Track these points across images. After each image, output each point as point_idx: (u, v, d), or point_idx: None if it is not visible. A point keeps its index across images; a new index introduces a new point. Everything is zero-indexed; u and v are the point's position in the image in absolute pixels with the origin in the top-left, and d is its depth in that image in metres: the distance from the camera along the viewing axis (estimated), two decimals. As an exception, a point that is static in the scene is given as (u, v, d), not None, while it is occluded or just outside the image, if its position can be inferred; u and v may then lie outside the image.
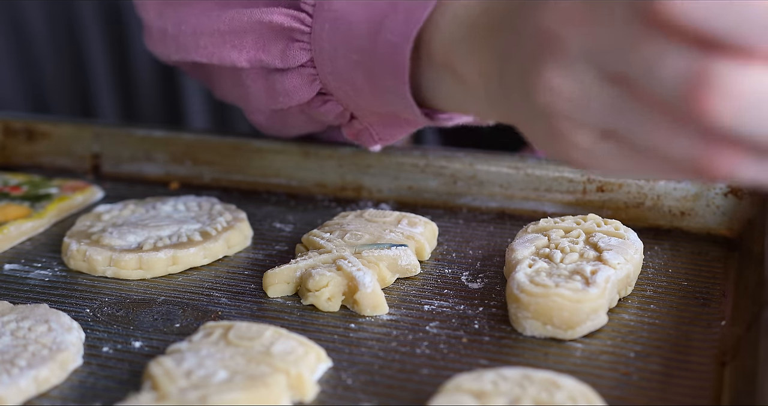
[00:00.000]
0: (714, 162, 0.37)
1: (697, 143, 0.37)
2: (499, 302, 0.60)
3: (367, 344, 0.55)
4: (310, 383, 0.50)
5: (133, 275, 0.64)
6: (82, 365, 0.54)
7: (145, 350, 0.55)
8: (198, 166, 0.82)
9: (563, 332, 0.54)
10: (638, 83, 0.37)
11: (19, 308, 0.57)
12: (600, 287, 0.55)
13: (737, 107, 0.34)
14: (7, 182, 0.78)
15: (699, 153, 0.37)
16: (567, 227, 0.63)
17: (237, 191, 0.80)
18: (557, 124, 0.41)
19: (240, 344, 0.51)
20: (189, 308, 0.60)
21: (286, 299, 0.61)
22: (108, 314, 0.59)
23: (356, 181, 0.78)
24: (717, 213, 0.70)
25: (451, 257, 0.67)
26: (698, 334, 0.56)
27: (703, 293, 0.61)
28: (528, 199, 0.74)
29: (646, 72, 0.36)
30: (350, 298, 0.59)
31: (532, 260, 0.59)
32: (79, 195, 0.76)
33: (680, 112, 0.36)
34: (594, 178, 0.73)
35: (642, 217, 0.72)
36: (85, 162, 0.85)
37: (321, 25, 0.60)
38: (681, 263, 0.65)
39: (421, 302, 0.60)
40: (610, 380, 0.51)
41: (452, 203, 0.76)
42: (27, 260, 0.67)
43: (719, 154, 0.37)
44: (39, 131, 0.86)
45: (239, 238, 0.68)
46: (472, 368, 0.52)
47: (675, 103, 0.36)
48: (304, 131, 0.76)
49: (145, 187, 0.81)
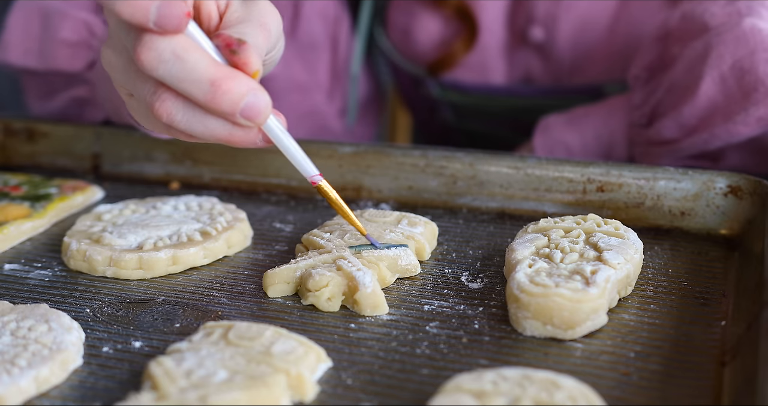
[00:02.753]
0: (156, 108, 0.54)
1: (150, 89, 0.55)
2: (499, 302, 0.60)
3: (367, 344, 0.55)
4: (310, 383, 0.50)
5: (133, 275, 0.64)
6: (82, 365, 0.54)
7: (145, 350, 0.55)
8: (198, 166, 0.82)
9: (563, 332, 0.54)
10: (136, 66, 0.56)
11: (19, 308, 0.57)
12: (600, 287, 0.55)
13: (155, 57, 0.52)
14: (7, 182, 0.78)
15: (149, 99, 0.55)
16: (567, 227, 0.63)
17: (237, 191, 0.80)
18: (115, 86, 0.60)
19: (240, 344, 0.51)
20: (189, 308, 0.60)
21: (286, 299, 0.61)
22: (108, 314, 0.59)
23: (356, 181, 0.78)
24: (717, 213, 0.70)
25: (451, 257, 0.67)
26: (698, 334, 0.56)
27: (703, 293, 0.61)
28: (528, 199, 0.74)
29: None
30: (350, 298, 0.59)
31: (532, 260, 0.59)
32: (79, 195, 0.76)
33: (140, 77, 0.55)
34: (593, 178, 0.73)
35: (642, 217, 0.72)
36: (85, 162, 0.85)
37: None
38: (681, 263, 0.65)
39: (421, 302, 0.60)
40: (610, 380, 0.51)
41: (452, 203, 0.76)
42: (27, 260, 0.67)
43: (160, 100, 0.54)
44: (39, 131, 0.86)
45: (239, 238, 0.68)
46: (472, 368, 0.52)
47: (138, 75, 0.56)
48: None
49: (145, 187, 0.81)
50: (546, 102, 0.97)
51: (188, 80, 0.53)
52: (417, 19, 1.00)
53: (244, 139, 0.56)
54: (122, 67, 0.57)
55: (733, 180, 0.70)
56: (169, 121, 0.55)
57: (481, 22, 0.97)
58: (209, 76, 0.53)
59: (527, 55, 0.98)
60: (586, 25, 0.94)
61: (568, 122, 0.87)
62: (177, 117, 0.55)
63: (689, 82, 0.77)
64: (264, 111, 0.54)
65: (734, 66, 0.74)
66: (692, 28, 0.79)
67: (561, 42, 0.95)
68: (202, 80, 0.53)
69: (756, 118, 0.74)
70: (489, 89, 1.00)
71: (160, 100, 0.54)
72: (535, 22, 0.95)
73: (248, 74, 0.54)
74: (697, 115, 0.77)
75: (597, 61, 0.95)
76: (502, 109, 1.01)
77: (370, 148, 0.78)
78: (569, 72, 0.97)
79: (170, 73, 0.53)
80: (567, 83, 0.97)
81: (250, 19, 0.56)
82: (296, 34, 0.98)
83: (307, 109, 1.00)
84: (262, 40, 0.56)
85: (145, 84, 0.55)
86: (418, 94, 1.07)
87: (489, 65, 0.99)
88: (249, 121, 0.54)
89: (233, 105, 0.53)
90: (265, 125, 0.56)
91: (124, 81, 0.57)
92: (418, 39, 1.01)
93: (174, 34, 0.52)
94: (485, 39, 0.97)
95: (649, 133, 0.81)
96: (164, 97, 0.54)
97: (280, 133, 0.57)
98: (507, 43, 0.98)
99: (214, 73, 0.53)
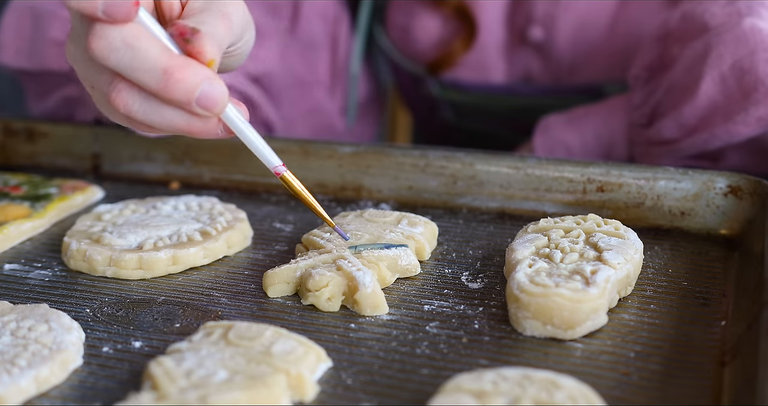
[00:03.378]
0: (113, 99, 0.55)
1: (106, 80, 0.55)
2: (499, 302, 0.60)
3: (367, 344, 0.55)
4: (310, 383, 0.50)
5: (133, 275, 0.64)
6: (82, 365, 0.54)
7: (145, 350, 0.55)
8: (198, 166, 0.82)
9: (563, 332, 0.54)
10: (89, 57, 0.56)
11: (19, 308, 0.57)
12: (600, 287, 0.55)
13: (106, 46, 0.52)
14: (7, 182, 0.78)
15: (106, 89, 0.55)
16: (567, 227, 0.63)
17: (237, 191, 0.80)
18: (81, 81, 0.60)
19: (240, 344, 0.51)
20: (189, 308, 0.60)
21: (286, 299, 0.61)
22: (108, 314, 0.59)
23: (356, 181, 0.78)
24: (717, 213, 0.70)
25: (451, 257, 0.67)
26: (698, 334, 0.56)
27: (703, 293, 0.61)
28: (528, 199, 0.74)
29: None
30: (350, 298, 0.59)
31: (532, 260, 0.59)
32: (79, 195, 0.76)
33: (96, 68, 0.56)
34: (593, 178, 0.73)
35: (642, 217, 0.72)
36: (85, 162, 0.85)
37: None
38: (681, 263, 0.65)
39: (421, 302, 0.60)
40: (610, 380, 0.51)
41: (452, 203, 0.76)
42: (27, 260, 0.67)
43: (116, 90, 0.54)
44: (39, 131, 0.86)
45: (239, 238, 0.68)
46: (472, 368, 0.52)
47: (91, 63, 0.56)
48: None
49: (145, 187, 0.81)
50: (545, 101, 0.97)
51: (141, 69, 0.53)
52: (416, 18, 1.00)
53: (203, 130, 0.56)
54: (82, 59, 0.57)
55: (733, 180, 0.70)
56: (126, 111, 0.55)
57: (481, 21, 0.97)
58: (162, 64, 0.52)
59: (527, 55, 0.98)
60: (585, 24, 0.94)
61: (568, 122, 0.87)
62: (134, 107, 0.55)
63: (689, 82, 0.77)
64: (220, 101, 0.54)
65: (734, 66, 0.74)
66: (692, 29, 0.79)
67: (560, 42, 0.95)
68: (154, 69, 0.53)
69: (756, 118, 0.74)
70: (489, 88, 1.00)
71: (116, 90, 0.55)
72: (535, 22, 0.95)
73: (203, 63, 0.54)
74: (697, 115, 0.77)
75: (596, 61, 0.95)
76: (502, 108, 1.01)
77: (370, 148, 0.78)
78: (569, 71, 0.97)
79: (122, 61, 0.53)
80: (566, 83, 0.97)
81: (211, 8, 0.56)
82: (296, 32, 0.98)
83: (309, 107, 1.00)
84: (223, 29, 0.55)
85: (101, 75, 0.55)
86: (418, 94, 1.07)
87: (488, 64, 0.99)
88: (206, 111, 0.54)
89: (187, 94, 0.53)
90: (225, 115, 0.56)
91: (85, 73, 0.58)
92: (418, 38, 1.01)
93: (124, 22, 0.52)
94: (484, 38, 0.97)
95: (649, 133, 0.81)
96: (120, 87, 0.54)
97: (240, 123, 0.57)
98: (506, 43, 0.98)
99: (166, 61, 0.53)
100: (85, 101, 0.86)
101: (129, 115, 0.56)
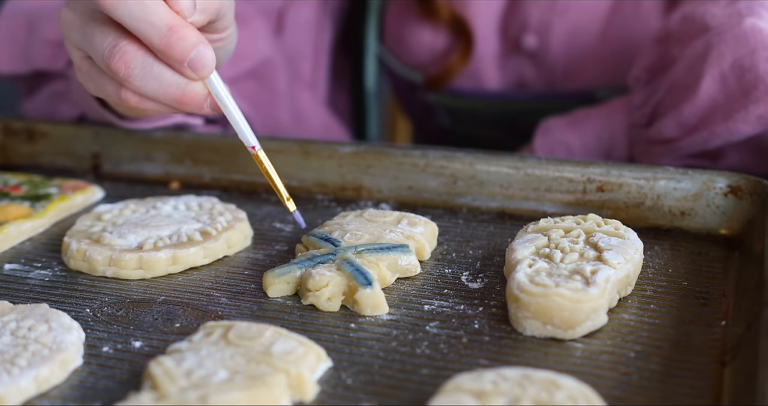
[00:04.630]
0: (115, 61, 0.57)
1: (110, 43, 0.58)
2: (499, 302, 0.60)
3: (367, 344, 0.55)
4: (310, 383, 0.50)
5: (133, 275, 0.64)
6: (82, 364, 0.54)
7: (145, 350, 0.55)
8: (198, 166, 0.82)
9: (563, 331, 0.54)
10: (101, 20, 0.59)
11: (20, 308, 0.57)
12: (600, 286, 0.55)
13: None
14: (7, 182, 0.78)
15: (108, 52, 0.58)
16: (567, 226, 0.63)
17: (237, 191, 0.80)
18: (68, 49, 0.62)
19: (240, 344, 0.51)
20: (189, 308, 0.60)
21: (286, 299, 0.61)
22: (108, 314, 0.59)
23: (356, 181, 0.78)
24: (717, 213, 0.70)
25: (451, 257, 0.67)
26: (698, 334, 0.56)
27: (703, 293, 0.61)
28: (528, 199, 0.74)
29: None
30: (350, 298, 0.59)
31: (532, 259, 0.59)
32: (79, 195, 0.76)
33: (100, 31, 0.59)
34: (593, 178, 0.73)
35: (642, 217, 0.72)
36: (85, 162, 0.85)
37: None
38: (681, 263, 0.65)
39: (421, 302, 0.60)
40: (610, 380, 0.51)
41: (452, 202, 0.76)
42: (27, 260, 0.67)
43: (120, 52, 0.57)
44: (39, 131, 0.86)
45: (239, 238, 0.68)
46: (472, 368, 0.52)
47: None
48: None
49: (145, 187, 0.81)
50: (539, 106, 0.97)
51: (147, 22, 0.57)
52: (411, 30, 1.01)
53: (194, 100, 0.60)
54: (79, 25, 0.60)
55: (733, 180, 0.70)
56: (126, 75, 0.58)
57: (475, 31, 0.97)
58: (167, 21, 0.57)
59: (520, 62, 0.98)
60: (578, 31, 0.95)
61: (568, 124, 0.87)
62: (134, 71, 0.58)
63: (690, 81, 0.77)
64: (209, 64, 0.59)
65: (734, 64, 0.74)
66: (693, 29, 0.79)
67: (554, 49, 0.96)
68: (160, 23, 0.57)
69: (756, 116, 0.74)
70: (483, 94, 1.00)
71: (120, 52, 0.58)
72: (529, 30, 0.96)
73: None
74: (698, 113, 0.77)
75: (589, 67, 0.96)
76: (497, 113, 1.01)
77: (370, 148, 0.78)
78: (562, 77, 0.97)
79: (130, 13, 0.56)
80: (559, 88, 0.98)
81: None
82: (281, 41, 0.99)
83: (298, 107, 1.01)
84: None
85: (105, 37, 0.58)
86: (414, 98, 1.07)
87: (482, 72, 0.99)
88: (194, 73, 0.59)
89: (184, 53, 0.58)
90: (211, 84, 0.61)
91: (80, 39, 0.60)
92: (413, 50, 1.02)
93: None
94: (479, 48, 0.98)
95: (649, 133, 0.81)
96: (125, 50, 0.58)
97: (224, 96, 0.62)
98: (500, 52, 0.98)
99: (172, 19, 0.57)
100: (69, 97, 0.86)
101: (127, 80, 0.58)
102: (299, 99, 1.01)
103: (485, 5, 0.97)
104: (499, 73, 0.99)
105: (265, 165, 0.64)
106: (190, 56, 0.58)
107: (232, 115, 0.62)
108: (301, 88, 1.01)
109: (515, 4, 0.97)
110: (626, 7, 0.93)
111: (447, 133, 1.08)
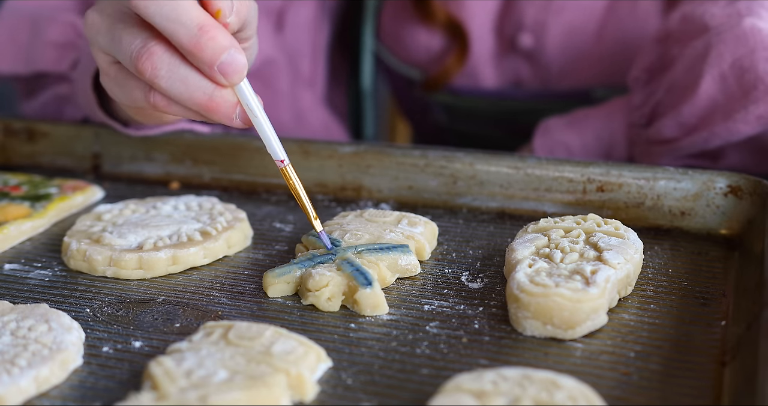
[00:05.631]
0: (142, 62, 0.55)
1: (138, 44, 0.56)
2: (499, 302, 0.60)
3: (367, 344, 0.55)
4: (310, 383, 0.50)
5: (133, 275, 0.64)
6: (82, 364, 0.54)
7: (145, 350, 0.55)
8: (198, 166, 0.82)
9: (563, 331, 0.54)
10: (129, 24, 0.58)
11: (20, 308, 0.57)
12: (600, 286, 0.55)
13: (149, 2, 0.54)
14: (7, 182, 0.78)
15: (136, 53, 0.56)
16: (567, 226, 0.63)
17: (237, 191, 0.80)
18: (94, 54, 0.60)
19: (240, 344, 0.51)
20: (189, 308, 0.60)
21: (286, 299, 0.61)
22: (108, 314, 0.59)
23: (356, 181, 0.78)
24: (717, 213, 0.70)
25: (451, 257, 0.67)
26: (698, 334, 0.56)
27: (703, 293, 0.61)
28: (528, 199, 0.74)
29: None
30: (350, 298, 0.59)
31: (532, 259, 0.59)
32: (79, 195, 0.76)
33: (128, 33, 0.57)
34: (593, 178, 0.73)
35: (642, 217, 0.72)
36: (85, 162, 0.85)
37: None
38: (681, 263, 0.65)
39: (421, 302, 0.60)
40: (610, 380, 0.51)
41: (452, 202, 0.76)
42: (27, 260, 0.67)
43: (149, 53, 0.55)
44: (39, 131, 0.86)
45: (239, 238, 0.68)
46: (472, 368, 0.52)
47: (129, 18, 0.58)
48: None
49: (145, 187, 0.81)
50: (537, 105, 0.98)
51: (178, 21, 0.54)
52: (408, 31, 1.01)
53: (222, 107, 0.57)
54: (107, 28, 0.58)
55: (733, 180, 0.70)
56: (152, 76, 0.56)
57: (471, 30, 0.97)
58: (198, 21, 0.54)
59: (516, 62, 0.98)
60: (574, 31, 0.95)
61: (568, 124, 0.88)
62: (161, 72, 0.56)
63: (689, 81, 0.77)
64: (240, 71, 0.55)
65: (734, 64, 0.74)
66: (692, 29, 0.79)
67: (550, 48, 0.96)
68: (191, 23, 0.54)
69: (756, 116, 0.74)
70: (479, 92, 1.00)
71: (148, 53, 0.55)
72: (524, 30, 0.96)
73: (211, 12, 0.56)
74: (697, 113, 0.77)
75: (585, 66, 0.96)
76: (493, 111, 1.01)
77: (370, 148, 0.78)
78: (557, 77, 0.97)
79: (161, 11, 0.54)
80: (555, 87, 0.98)
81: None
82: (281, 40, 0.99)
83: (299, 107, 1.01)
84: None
85: (133, 39, 0.56)
86: (412, 96, 1.07)
87: (478, 72, 0.99)
88: (224, 79, 0.55)
89: (214, 55, 0.55)
90: (242, 95, 0.57)
91: (108, 43, 0.58)
92: (411, 50, 1.02)
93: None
94: (475, 48, 0.98)
95: (649, 133, 0.81)
96: (153, 50, 0.55)
97: (255, 106, 0.58)
98: (496, 51, 0.99)
99: (203, 19, 0.54)
100: (74, 100, 0.86)
101: (153, 81, 0.56)
102: (300, 99, 1.01)
103: (480, 5, 0.97)
104: (495, 72, 0.99)
105: (292, 180, 0.61)
106: (220, 59, 0.55)
107: (262, 128, 0.59)
108: (301, 87, 1.02)
109: (510, 4, 0.97)
110: (622, 7, 0.93)
111: (444, 131, 1.08)
